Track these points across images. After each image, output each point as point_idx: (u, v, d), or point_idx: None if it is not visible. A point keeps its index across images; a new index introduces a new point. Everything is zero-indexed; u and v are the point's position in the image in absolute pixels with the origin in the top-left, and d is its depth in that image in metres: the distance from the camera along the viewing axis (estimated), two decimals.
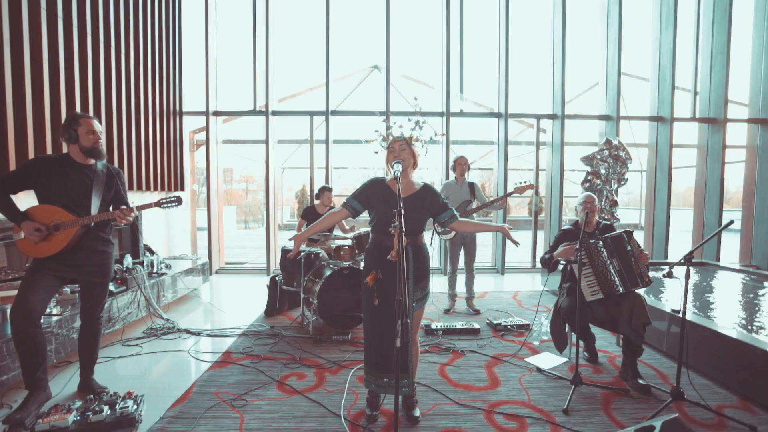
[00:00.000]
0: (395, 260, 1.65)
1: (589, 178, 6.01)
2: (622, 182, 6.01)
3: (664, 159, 6.62)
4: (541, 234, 7.03)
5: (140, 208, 2.32)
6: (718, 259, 6.66)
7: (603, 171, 5.97)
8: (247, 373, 2.84)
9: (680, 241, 8.74)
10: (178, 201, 2.41)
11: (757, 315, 3.50)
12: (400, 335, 1.68)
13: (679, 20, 6.47)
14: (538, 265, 6.98)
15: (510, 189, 4.23)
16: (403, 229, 1.61)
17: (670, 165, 6.55)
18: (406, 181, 2.17)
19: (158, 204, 2.38)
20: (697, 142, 7.03)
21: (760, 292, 4.32)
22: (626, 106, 7.76)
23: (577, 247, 2.57)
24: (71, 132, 2.28)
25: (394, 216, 1.90)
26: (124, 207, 2.27)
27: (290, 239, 2.17)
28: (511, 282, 6.07)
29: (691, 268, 5.95)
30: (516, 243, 2.20)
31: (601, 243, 2.71)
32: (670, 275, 2.47)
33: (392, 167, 2.01)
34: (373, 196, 2.17)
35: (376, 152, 2.27)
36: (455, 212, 2.26)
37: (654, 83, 6.78)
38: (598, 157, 5.97)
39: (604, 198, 5.97)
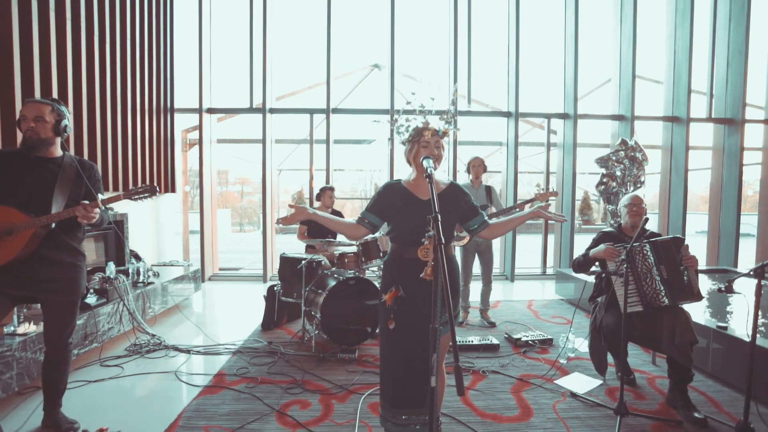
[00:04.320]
0: (431, 278, 1.31)
1: (604, 180, 5.72)
2: (639, 185, 5.72)
3: (679, 160, 6.35)
4: (551, 238, 6.72)
5: (106, 201, 1.93)
6: (735, 265, 6.38)
7: (618, 173, 5.68)
8: (242, 400, 2.48)
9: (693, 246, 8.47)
10: (151, 191, 2.00)
11: None
12: (433, 372, 1.35)
13: (694, 17, 6.20)
14: (549, 271, 6.67)
15: (521, 194, 3.89)
16: (443, 241, 1.27)
17: (686, 167, 6.27)
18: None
19: (128, 195, 2.00)
20: (713, 144, 6.76)
21: None
22: (635, 108, 7.49)
23: (623, 257, 2.24)
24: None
25: (421, 224, 1.56)
26: (86, 202, 1.88)
27: (291, 205, 1.80)
28: (522, 290, 5.75)
29: (705, 275, 5.58)
30: (563, 219, 1.95)
31: (648, 246, 2.39)
32: (729, 290, 2.16)
33: (422, 163, 1.67)
34: (390, 204, 1.83)
35: (389, 139, 1.94)
36: (486, 217, 1.92)
37: (668, 82, 6.51)
38: (614, 158, 5.69)
39: (620, 201, 5.67)
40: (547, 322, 4.17)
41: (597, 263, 2.59)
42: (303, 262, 3.50)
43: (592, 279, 4.08)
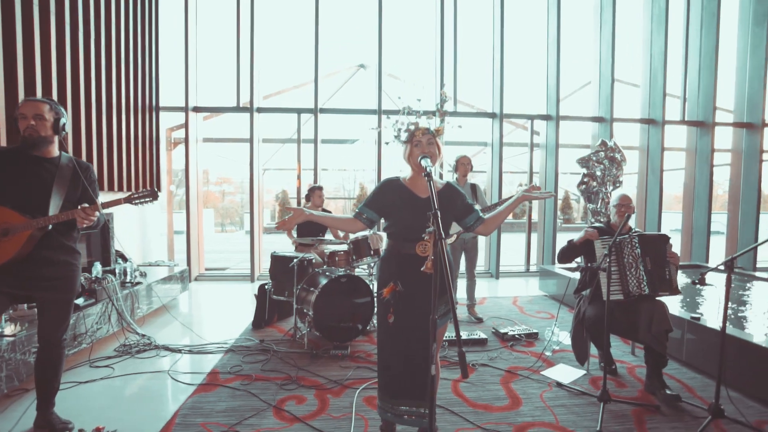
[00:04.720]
0: (431, 272, 1.38)
1: (585, 180, 5.91)
2: (618, 184, 5.94)
3: (655, 161, 6.62)
4: (534, 236, 6.91)
5: (106, 205, 1.93)
6: (707, 261, 6.70)
7: (599, 173, 5.89)
8: (237, 397, 2.50)
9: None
10: (152, 195, 2.01)
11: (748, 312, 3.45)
12: (427, 362, 1.42)
13: (668, 23, 6.48)
14: (533, 268, 6.86)
15: (505, 194, 4.02)
16: (443, 236, 1.35)
17: (662, 167, 6.54)
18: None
19: (129, 200, 2.00)
20: (686, 145, 7.08)
21: (747, 290, 4.44)
22: (614, 110, 7.75)
23: (606, 252, 2.36)
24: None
25: (419, 221, 1.62)
26: (85, 205, 1.87)
27: (288, 208, 1.84)
28: (507, 287, 5.90)
29: (682, 272, 5.88)
30: (551, 195, 1.99)
31: (637, 238, 2.54)
32: (702, 282, 2.31)
33: (420, 163, 1.74)
34: (389, 201, 1.89)
35: (387, 143, 2.00)
36: (481, 213, 2.00)
37: (645, 86, 6.77)
38: (594, 158, 5.89)
39: (600, 200, 5.89)
40: (532, 317, 4.31)
41: (582, 258, 2.71)
42: (295, 260, 3.53)
43: (576, 275, 4.25)
